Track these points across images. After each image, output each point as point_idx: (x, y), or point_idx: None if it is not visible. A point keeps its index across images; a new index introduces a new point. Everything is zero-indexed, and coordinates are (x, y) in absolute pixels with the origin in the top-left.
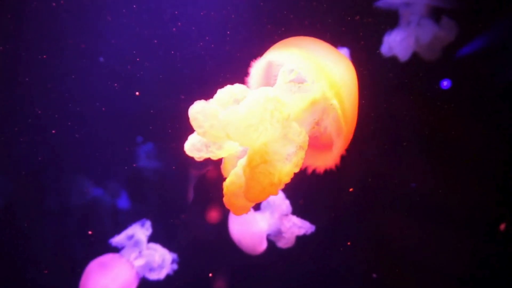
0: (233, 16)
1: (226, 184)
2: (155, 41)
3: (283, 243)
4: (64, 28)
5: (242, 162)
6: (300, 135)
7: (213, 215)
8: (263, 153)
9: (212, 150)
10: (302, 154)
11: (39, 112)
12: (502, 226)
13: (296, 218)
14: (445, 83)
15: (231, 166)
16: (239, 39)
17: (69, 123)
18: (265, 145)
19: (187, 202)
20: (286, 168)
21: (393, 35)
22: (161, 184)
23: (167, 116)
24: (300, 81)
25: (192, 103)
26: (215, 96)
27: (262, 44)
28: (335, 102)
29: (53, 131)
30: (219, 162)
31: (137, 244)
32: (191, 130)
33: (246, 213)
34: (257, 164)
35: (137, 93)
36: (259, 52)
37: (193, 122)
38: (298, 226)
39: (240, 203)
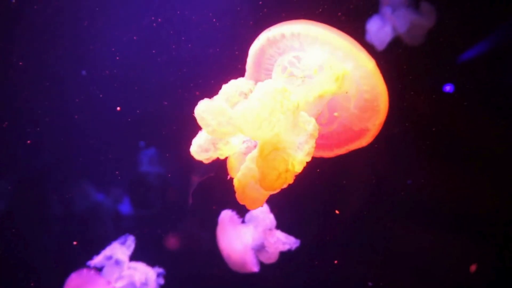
0: (214, 20)
1: (237, 178)
2: (147, 44)
3: (265, 258)
4: (60, 32)
5: (252, 155)
6: (310, 124)
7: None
8: (275, 141)
9: (220, 146)
10: (312, 142)
11: (41, 117)
12: (473, 268)
13: (280, 233)
14: (448, 88)
15: (238, 164)
16: (222, 40)
17: (71, 129)
18: (277, 134)
19: (186, 210)
20: (299, 157)
21: (370, 24)
22: (164, 189)
23: (170, 121)
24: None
25: (195, 105)
26: (220, 91)
27: (244, 43)
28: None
29: (56, 136)
30: (220, 167)
31: (117, 263)
32: (194, 133)
33: (261, 205)
34: (269, 152)
35: (118, 108)
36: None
37: (200, 121)
38: (282, 242)
39: (253, 195)
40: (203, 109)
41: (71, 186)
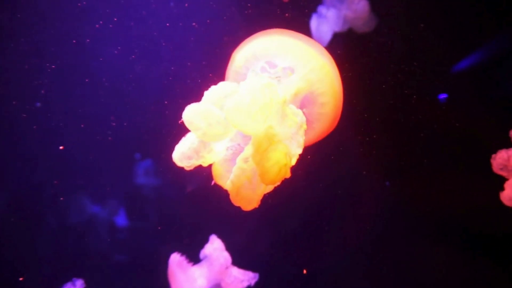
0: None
1: (231, 180)
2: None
3: None
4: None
5: (243, 156)
6: (299, 115)
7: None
8: (270, 135)
9: (203, 154)
10: (303, 133)
11: (36, 130)
12: None
13: (237, 270)
14: (442, 96)
15: (224, 170)
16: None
17: (66, 141)
18: (270, 127)
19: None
20: (293, 149)
21: (311, 23)
22: (159, 201)
23: (166, 132)
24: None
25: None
26: (204, 97)
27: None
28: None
29: (50, 149)
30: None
31: None
32: None
33: (256, 205)
34: (266, 147)
35: (61, 147)
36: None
37: (189, 125)
38: (240, 280)
39: (248, 195)
40: (191, 113)
41: (66, 199)
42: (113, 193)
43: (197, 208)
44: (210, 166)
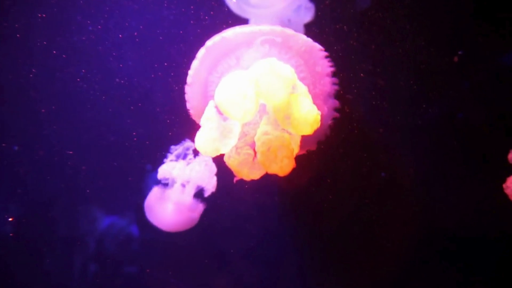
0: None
1: (261, 152)
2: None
3: None
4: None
5: (262, 130)
6: (303, 86)
7: None
8: (294, 98)
9: (226, 134)
10: (311, 99)
11: (50, 142)
12: None
13: None
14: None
15: (242, 157)
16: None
17: (78, 152)
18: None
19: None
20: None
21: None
22: None
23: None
24: None
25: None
26: (226, 80)
27: None
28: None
29: (63, 161)
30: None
31: None
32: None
33: (294, 165)
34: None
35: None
36: None
37: (227, 103)
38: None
39: (286, 154)
40: (226, 91)
41: (78, 210)
42: (124, 204)
43: (208, 217)
44: None
